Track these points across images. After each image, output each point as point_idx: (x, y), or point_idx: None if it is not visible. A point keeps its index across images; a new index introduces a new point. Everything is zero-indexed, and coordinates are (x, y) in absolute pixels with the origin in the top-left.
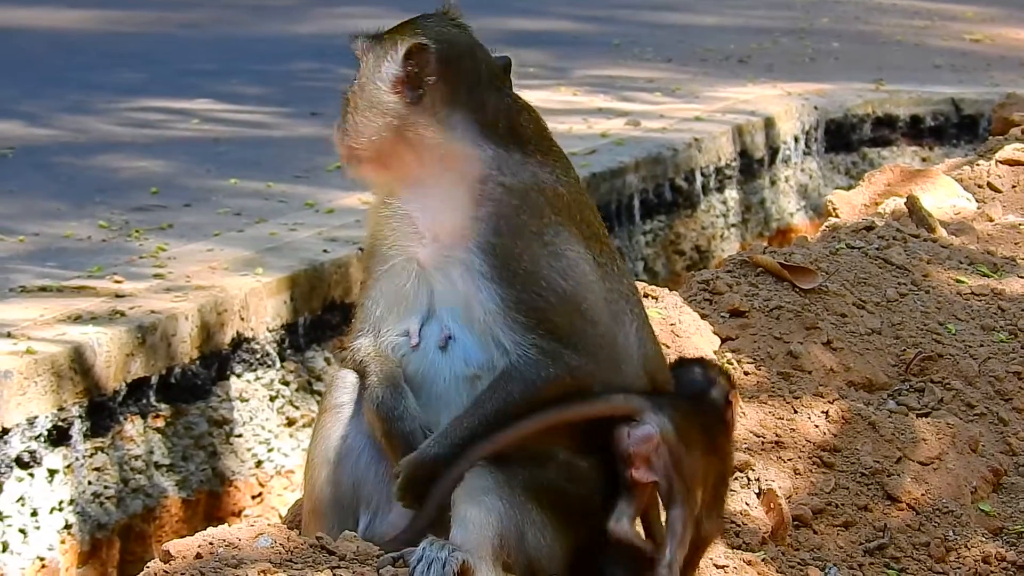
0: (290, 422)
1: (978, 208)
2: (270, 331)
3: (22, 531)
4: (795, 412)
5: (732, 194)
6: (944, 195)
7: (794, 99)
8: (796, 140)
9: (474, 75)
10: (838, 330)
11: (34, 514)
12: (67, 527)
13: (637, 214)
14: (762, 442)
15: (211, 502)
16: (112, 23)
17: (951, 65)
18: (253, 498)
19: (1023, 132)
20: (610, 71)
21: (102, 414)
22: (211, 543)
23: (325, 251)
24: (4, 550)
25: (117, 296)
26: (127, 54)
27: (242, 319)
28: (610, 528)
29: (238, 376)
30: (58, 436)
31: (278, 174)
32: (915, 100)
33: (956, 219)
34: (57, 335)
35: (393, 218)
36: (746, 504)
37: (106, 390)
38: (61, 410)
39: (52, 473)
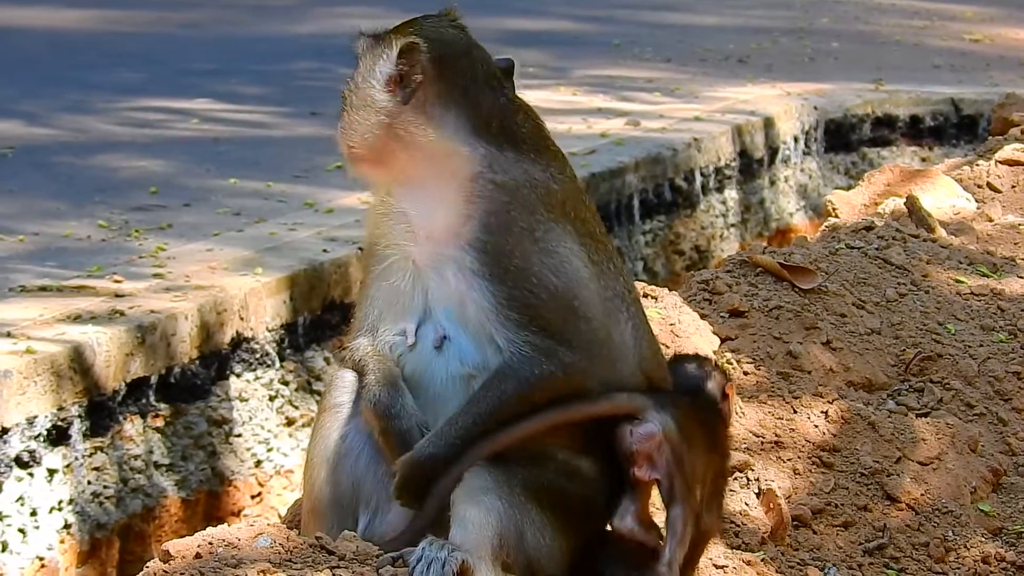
0: (289, 422)
1: (978, 208)
2: (269, 331)
3: (21, 531)
4: (794, 412)
5: (732, 194)
6: (944, 195)
7: (793, 99)
8: (796, 140)
9: (469, 75)
10: (838, 330)
11: (33, 514)
12: (66, 527)
13: (637, 214)
14: (761, 442)
15: (210, 502)
16: (112, 23)
17: (950, 65)
18: (252, 498)
19: (1023, 132)
20: (610, 71)
21: (101, 414)
22: (210, 543)
23: (325, 251)
24: (3, 550)
25: (117, 296)
26: (127, 54)
27: (241, 319)
28: (614, 526)
29: (237, 376)
30: (57, 436)
31: (278, 174)
32: (915, 100)
33: (956, 219)
34: (57, 335)
35: (390, 217)
36: (745, 504)
37: (105, 390)
38: (60, 410)
39: (51, 473)
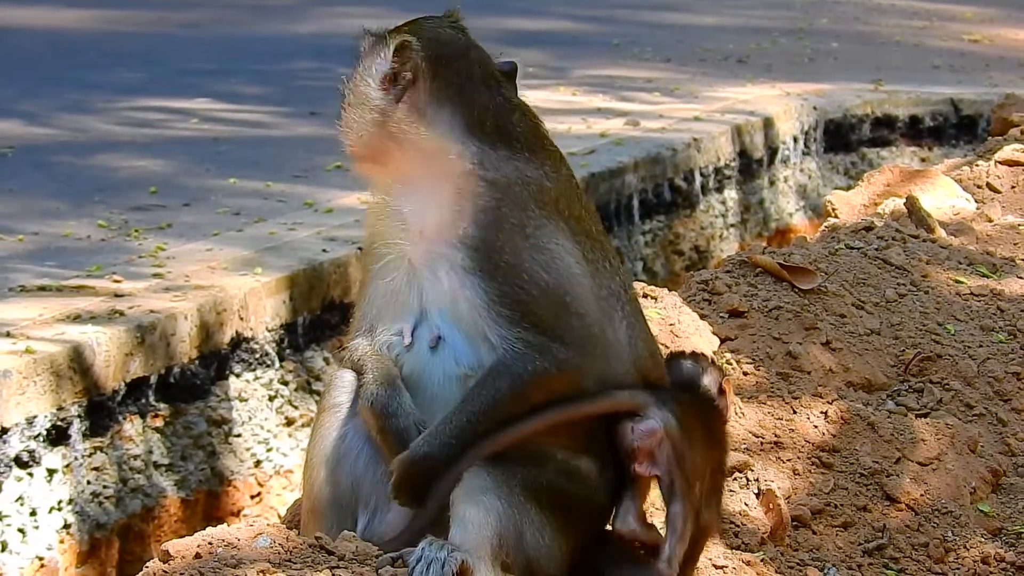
0: (289, 422)
1: (977, 209)
2: (269, 331)
3: (21, 531)
4: (794, 412)
5: (731, 194)
6: (943, 195)
7: (793, 99)
8: (795, 140)
9: (464, 75)
10: (837, 330)
11: (33, 514)
12: (66, 527)
13: (636, 214)
14: (761, 442)
15: (210, 502)
16: (111, 22)
17: (950, 65)
18: (252, 498)
19: (1022, 132)
20: (609, 71)
21: (101, 414)
22: (210, 543)
23: (324, 251)
24: (3, 550)
25: (116, 296)
26: (126, 53)
27: (241, 319)
28: (616, 528)
29: (237, 376)
30: (57, 436)
31: (277, 174)
32: (914, 100)
33: (955, 219)
34: (56, 334)
35: (387, 216)
36: (745, 504)
37: (105, 390)
38: (60, 410)
39: (51, 473)
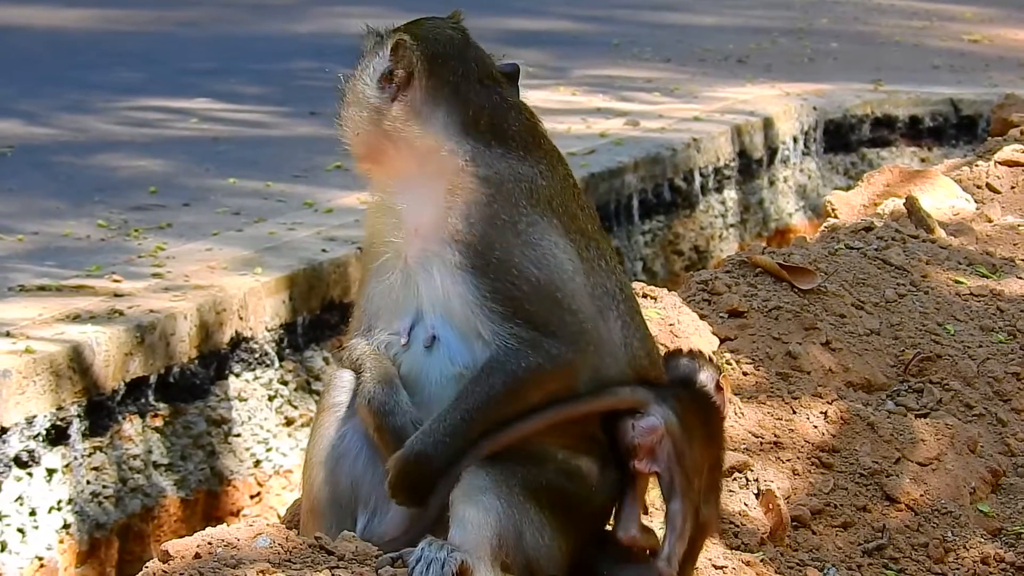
0: (288, 422)
1: (977, 209)
2: (269, 331)
3: (20, 530)
4: (794, 413)
5: (731, 194)
6: (943, 196)
7: (793, 99)
8: (795, 140)
9: (460, 74)
10: (837, 331)
11: (33, 513)
12: (66, 527)
13: (636, 214)
14: (761, 442)
15: (209, 502)
16: (111, 22)
17: (950, 66)
18: (251, 498)
19: (1022, 133)
20: (609, 71)
21: (101, 413)
22: (210, 543)
23: (324, 251)
24: (3, 549)
25: (116, 295)
26: (126, 53)
27: (241, 319)
28: (618, 536)
29: (237, 376)
30: (57, 435)
31: (277, 173)
32: (914, 101)
33: (955, 220)
34: (56, 334)
35: (385, 214)
36: (745, 505)
37: (105, 389)
38: (60, 409)
39: (51, 472)
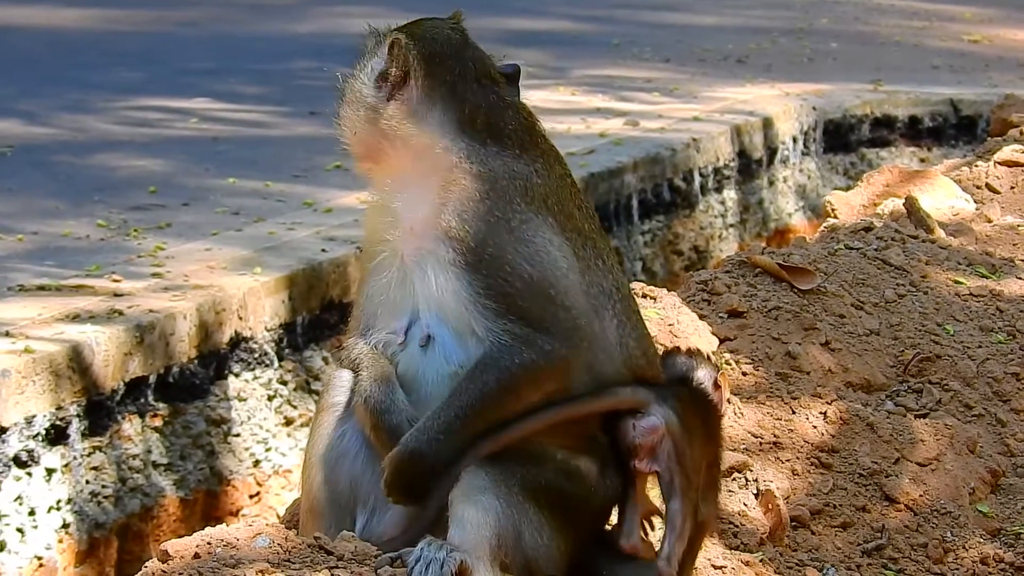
0: (288, 421)
1: (976, 209)
2: (268, 330)
3: (20, 530)
4: (793, 413)
5: (730, 194)
6: (942, 196)
7: (792, 99)
8: (794, 140)
9: (457, 73)
10: (836, 331)
11: (32, 513)
12: (65, 526)
13: (635, 214)
14: (760, 443)
15: (209, 501)
16: (110, 22)
17: (949, 66)
18: (251, 497)
19: (1021, 133)
20: (609, 71)
21: (100, 413)
22: (209, 543)
23: (323, 250)
24: (2, 549)
25: (115, 295)
26: (125, 53)
27: (240, 318)
28: (623, 547)
29: (236, 375)
30: (56, 435)
31: (276, 173)
32: (913, 101)
33: (954, 220)
34: (55, 334)
35: (382, 214)
36: (744, 505)
37: (104, 389)
38: (59, 409)
39: (50, 472)
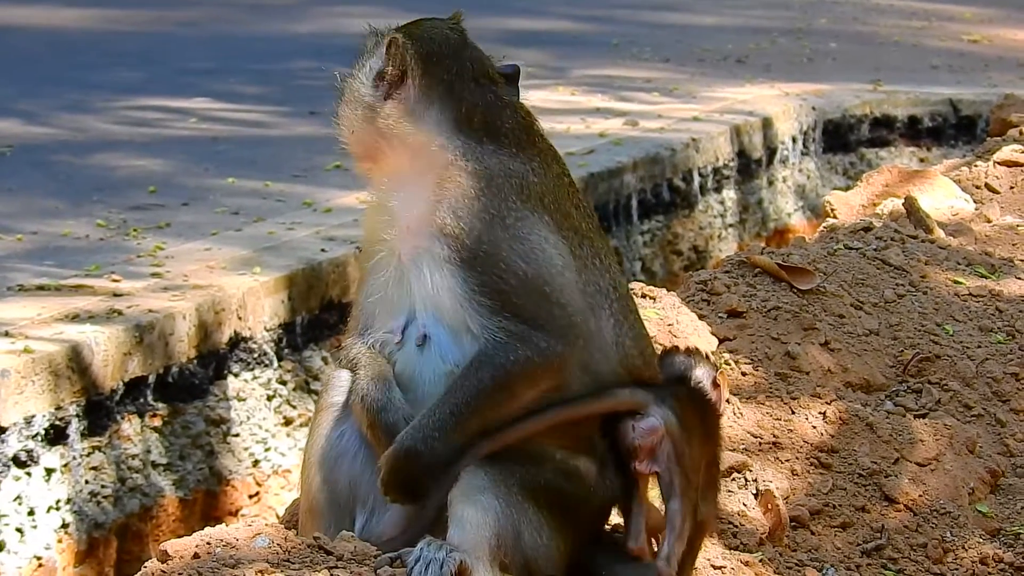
0: (287, 421)
1: (976, 209)
2: (267, 330)
3: (19, 530)
4: (792, 413)
5: (730, 194)
6: (942, 196)
7: (792, 99)
8: (794, 140)
9: (454, 72)
10: (836, 331)
11: (31, 513)
12: (64, 526)
13: (635, 214)
14: (759, 443)
15: (208, 501)
16: (110, 22)
17: (949, 66)
18: (250, 497)
19: (1021, 133)
20: (608, 71)
21: (99, 413)
22: (209, 543)
23: (323, 250)
24: (1, 549)
25: (115, 295)
26: (125, 53)
27: (240, 318)
28: (630, 549)
29: (235, 375)
30: (55, 435)
31: (276, 173)
32: (913, 101)
33: (954, 220)
34: (55, 334)
35: (380, 213)
36: (743, 505)
37: (103, 389)
38: (58, 409)
39: (49, 472)
